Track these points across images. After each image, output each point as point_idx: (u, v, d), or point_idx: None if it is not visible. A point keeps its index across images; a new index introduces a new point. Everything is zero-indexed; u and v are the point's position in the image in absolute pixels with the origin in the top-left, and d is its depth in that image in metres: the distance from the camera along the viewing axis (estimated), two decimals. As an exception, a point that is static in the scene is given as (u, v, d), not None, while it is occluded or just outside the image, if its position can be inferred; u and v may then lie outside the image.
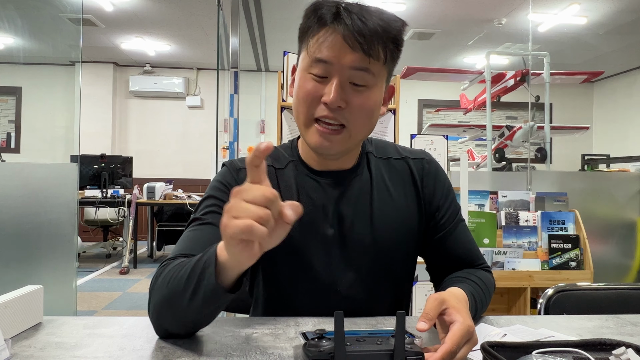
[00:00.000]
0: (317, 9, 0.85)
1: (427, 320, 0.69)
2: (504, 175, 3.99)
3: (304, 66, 0.88)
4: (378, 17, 0.83)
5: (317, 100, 0.86)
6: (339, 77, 0.84)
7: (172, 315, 0.75)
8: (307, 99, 0.86)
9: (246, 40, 6.04)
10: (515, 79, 5.51)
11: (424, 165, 1.01)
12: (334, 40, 0.83)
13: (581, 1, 4.86)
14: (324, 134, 0.86)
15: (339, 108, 0.84)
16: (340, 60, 0.83)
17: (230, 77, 3.16)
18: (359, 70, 0.84)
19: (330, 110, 0.85)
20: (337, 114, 0.85)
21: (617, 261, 3.34)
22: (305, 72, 0.87)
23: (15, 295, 0.79)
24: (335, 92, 0.83)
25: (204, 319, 0.76)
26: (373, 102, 0.87)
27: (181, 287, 0.72)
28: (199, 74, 7.83)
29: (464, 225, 1.03)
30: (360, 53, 0.82)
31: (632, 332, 0.87)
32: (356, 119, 0.86)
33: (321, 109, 0.85)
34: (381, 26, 0.83)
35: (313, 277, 0.93)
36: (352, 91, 0.85)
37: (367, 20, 0.82)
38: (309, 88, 0.86)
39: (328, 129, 0.86)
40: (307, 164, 0.96)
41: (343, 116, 0.85)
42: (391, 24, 0.84)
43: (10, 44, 5.69)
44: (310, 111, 0.86)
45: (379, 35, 0.82)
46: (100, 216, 5.90)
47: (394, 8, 4.98)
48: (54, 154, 6.51)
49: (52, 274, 2.39)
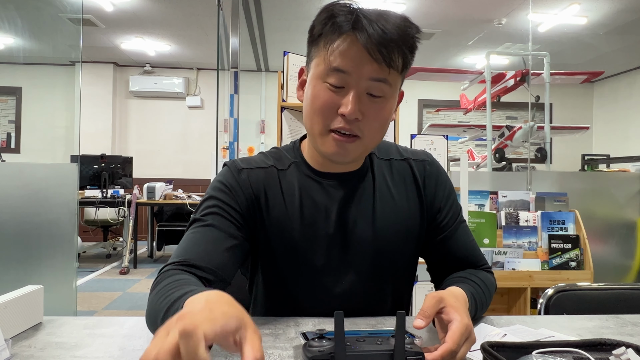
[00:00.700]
0: (334, 14, 0.82)
1: (424, 317, 0.69)
2: (504, 175, 3.99)
3: (318, 74, 0.85)
4: (395, 24, 0.81)
5: (334, 111, 0.84)
6: (356, 88, 0.82)
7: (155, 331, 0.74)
8: (324, 109, 0.84)
9: (246, 40, 6.04)
10: (515, 79, 5.50)
11: (426, 166, 1.01)
12: (353, 49, 0.80)
13: (581, 1, 4.86)
14: (340, 142, 0.85)
15: (355, 120, 0.84)
16: (359, 70, 0.81)
17: (230, 77, 3.16)
18: (377, 81, 0.83)
19: (347, 122, 0.84)
20: (352, 125, 0.84)
21: (617, 261, 3.34)
22: (321, 81, 0.84)
23: (15, 295, 0.79)
24: (353, 105, 0.82)
25: None
26: (388, 112, 0.87)
27: (160, 316, 0.70)
28: (199, 74, 7.83)
29: (465, 227, 1.03)
30: (381, 64, 0.81)
31: (632, 332, 0.87)
32: (370, 130, 0.86)
33: (337, 120, 0.84)
34: (399, 34, 0.81)
35: (313, 277, 0.93)
36: (369, 102, 0.84)
37: (387, 29, 0.79)
38: (326, 98, 0.84)
39: (344, 137, 0.85)
40: (310, 165, 0.96)
41: (358, 127, 0.85)
42: (408, 31, 0.82)
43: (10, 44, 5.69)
44: (327, 122, 0.85)
45: (397, 44, 0.81)
46: (100, 216, 5.90)
47: (394, 8, 4.98)
48: (54, 154, 6.51)
49: (52, 274, 2.39)
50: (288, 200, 0.93)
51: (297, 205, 0.92)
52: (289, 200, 0.93)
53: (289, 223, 0.92)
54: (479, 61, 7.08)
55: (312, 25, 0.87)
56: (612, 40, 6.02)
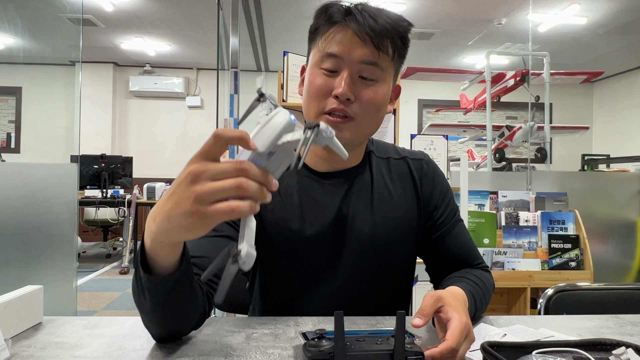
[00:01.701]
0: (327, 8, 0.88)
1: (423, 316, 0.69)
2: (504, 175, 3.99)
3: (314, 62, 0.91)
4: (387, 16, 0.87)
5: (328, 94, 0.88)
6: (349, 70, 0.86)
7: (149, 321, 0.73)
8: (318, 93, 0.88)
9: (246, 40, 6.04)
10: (515, 79, 5.50)
11: (423, 165, 1.03)
12: (345, 35, 0.86)
13: (581, 1, 4.86)
14: (334, 123, 0.87)
15: (347, 101, 0.87)
16: (350, 54, 0.86)
17: (230, 77, 3.16)
18: (368, 64, 0.87)
19: (340, 102, 0.87)
20: (346, 106, 0.87)
21: (617, 261, 3.34)
22: (316, 68, 0.89)
23: (15, 295, 0.79)
24: (345, 85, 0.86)
25: (176, 318, 0.72)
26: (381, 97, 0.90)
27: (134, 292, 0.70)
28: (199, 74, 7.83)
29: (462, 226, 1.04)
30: (371, 47, 0.85)
31: (632, 332, 0.87)
32: (364, 112, 0.88)
33: (331, 102, 0.87)
34: (390, 24, 0.87)
35: (313, 276, 0.93)
36: (361, 85, 0.88)
37: (377, 18, 0.85)
38: (320, 83, 0.88)
39: (338, 118, 0.88)
40: (308, 165, 0.97)
41: (351, 109, 0.87)
42: (399, 23, 0.88)
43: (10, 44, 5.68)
44: (321, 105, 0.88)
45: (388, 32, 0.86)
46: (100, 216, 5.90)
47: (394, 8, 4.97)
48: (54, 154, 6.50)
49: (52, 274, 2.39)
50: (287, 201, 0.93)
51: (296, 205, 0.93)
52: (287, 200, 0.93)
53: (288, 223, 0.92)
54: (479, 61, 7.08)
55: (311, 24, 0.93)
56: (612, 40, 6.02)
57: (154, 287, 0.65)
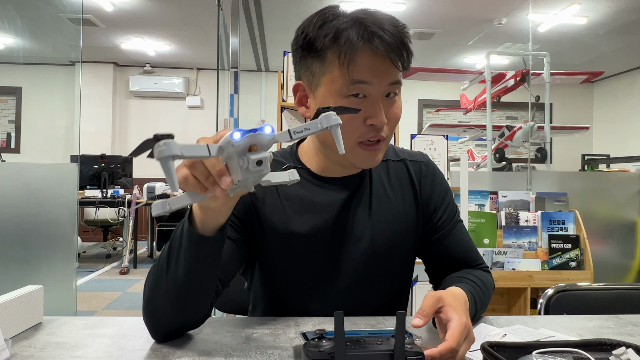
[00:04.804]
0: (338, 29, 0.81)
1: (422, 316, 0.69)
2: (504, 175, 3.99)
3: (336, 90, 0.83)
4: (392, 24, 0.82)
5: (360, 122, 0.84)
6: (380, 95, 0.84)
7: (163, 295, 0.74)
8: (352, 124, 0.83)
9: (246, 40, 6.04)
10: (515, 79, 5.50)
11: (422, 167, 1.02)
12: (374, 59, 0.81)
13: (581, 1, 4.86)
14: (370, 150, 0.86)
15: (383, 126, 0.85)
16: (382, 79, 0.83)
17: (230, 77, 3.16)
18: (395, 84, 0.85)
19: (377, 130, 0.85)
20: (380, 131, 0.85)
21: (617, 261, 3.33)
22: (341, 97, 0.83)
23: (15, 295, 0.79)
24: (382, 113, 0.83)
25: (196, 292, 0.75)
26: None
27: (165, 256, 0.74)
28: (199, 74, 7.83)
29: (462, 227, 1.03)
30: (399, 67, 0.83)
31: (632, 332, 0.87)
32: (391, 130, 0.89)
33: (365, 132, 0.84)
34: (401, 34, 0.83)
35: (312, 278, 0.93)
36: (387, 104, 0.86)
37: (392, 32, 0.81)
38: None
39: (371, 145, 0.86)
40: (309, 169, 0.96)
41: (384, 132, 0.86)
42: (404, 30, 0.84)
43: (10, 44, 5.68)
44: (355, 136, 0.85)
45: (405, 45, 0.83)
46: (100, 216, 5.89)
47: (394, 8, 4.98)
48: (54, 154, 6.50)
49: (52, 274, 2.39)
50: (287, 205, 0.93)
51: (296, 209, 0.93)
52: (287, 204, 0.93)
53: (288, 227, 0.92)
54: (479, 61, 7.08)
55: (305, 36, 0.85)
56: (612, 40, 6.02)
57: (196, 241, 0.71)
